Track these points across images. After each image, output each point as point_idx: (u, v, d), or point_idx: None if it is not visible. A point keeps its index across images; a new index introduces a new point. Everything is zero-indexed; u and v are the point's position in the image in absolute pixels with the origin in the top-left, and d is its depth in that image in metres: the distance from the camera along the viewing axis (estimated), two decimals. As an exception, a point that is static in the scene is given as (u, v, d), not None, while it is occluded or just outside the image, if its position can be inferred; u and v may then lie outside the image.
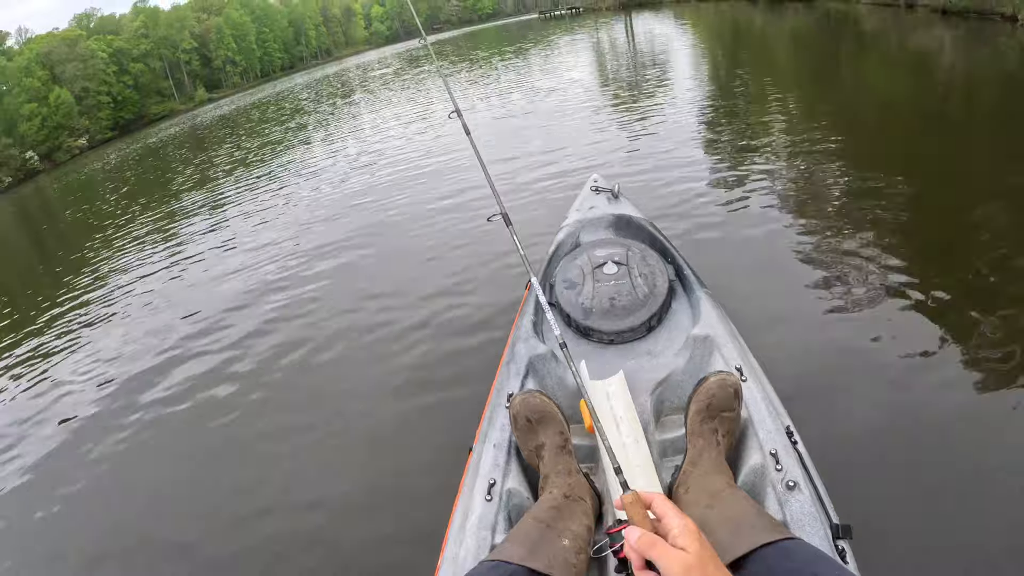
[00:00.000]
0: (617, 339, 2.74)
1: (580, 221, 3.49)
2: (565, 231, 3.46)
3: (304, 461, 3.76)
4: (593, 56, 22.59)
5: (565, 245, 3.35)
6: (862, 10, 21.86)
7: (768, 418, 2.02)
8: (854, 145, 6.89)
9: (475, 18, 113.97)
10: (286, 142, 18.67)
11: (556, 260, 3.23)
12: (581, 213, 3.60)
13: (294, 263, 7.26)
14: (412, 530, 2.91)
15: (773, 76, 12.54)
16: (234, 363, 5.22)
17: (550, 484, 1.93)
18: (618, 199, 3.71)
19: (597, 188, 3.82)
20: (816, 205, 5.42)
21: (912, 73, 11.24)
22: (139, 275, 8.85)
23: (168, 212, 13.16)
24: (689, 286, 2.93)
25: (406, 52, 59.37)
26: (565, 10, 65.57)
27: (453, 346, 4.50)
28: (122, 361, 5.95)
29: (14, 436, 5.10)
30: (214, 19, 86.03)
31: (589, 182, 3.94)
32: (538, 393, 2.10)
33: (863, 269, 4.18)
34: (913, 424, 2.85)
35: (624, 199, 3.72)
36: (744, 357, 2.36)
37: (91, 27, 74.49)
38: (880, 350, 3.39)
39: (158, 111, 73.08)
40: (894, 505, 2.50)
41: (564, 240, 3.38)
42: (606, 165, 7.56)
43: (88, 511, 3.92)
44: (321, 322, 5.55)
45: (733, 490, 1.74)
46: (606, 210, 3.54)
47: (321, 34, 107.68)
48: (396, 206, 8.38)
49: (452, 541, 1.92)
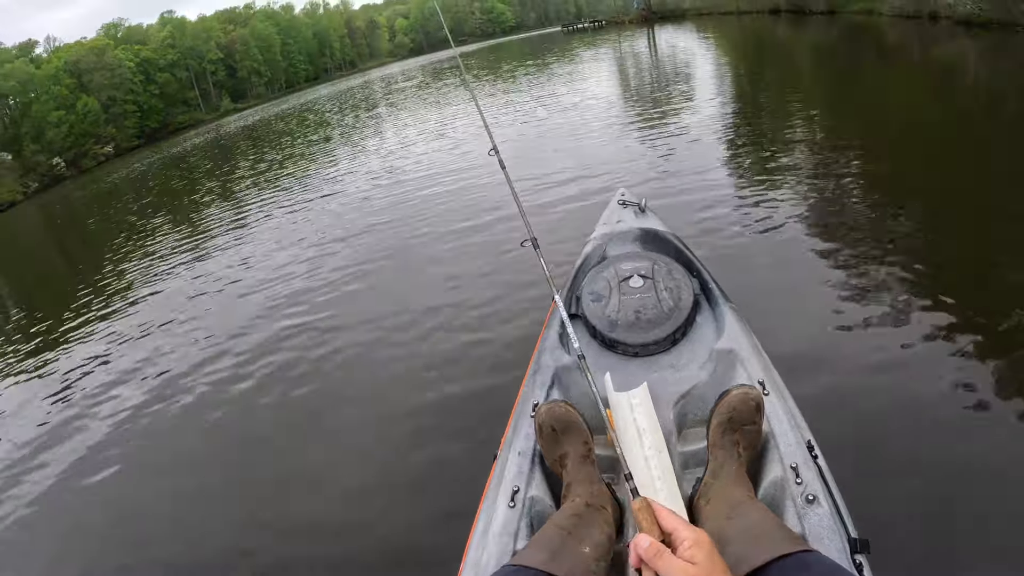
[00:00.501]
0: (642, 352, 2.73)
1: (607, 234, 3.47)
2: (592, 244, 3.45)
3: (330, 467, 3.82)
4: (617, 70, 22.55)
5: (592, 258, 3.33)
6: (885, 22, 21.75)
7: (789, 432, 2.03)
8: (877, 160, 6.80)
9: (497, 31, 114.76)
10: (309, 155, 18.73)
11: (583, 273, 3.22)
12: (608, 227, 3.59)
13: (321, 271, 7.29)
14: (435, 534, 2.96)
15: (796, 91, 12.46)
16: (260, 373, 5.26)
17: (573, 492, 1.95)
18: (645, 213, 3.71)
19: (624, 202, 3.83)
20: (840, 221, 5.33)
21: (936, 86, 11.13)
22: (162, 284, 8.92)
23: (192, 221, 13.29)
24: (714, 300, 2.93)
25: (429, 65, 59.81)
26: (588, 23, 65.94)
27: (478, 356, 4.54)
28: (146, 368, 5.99)
29: (32, 446, 5.15)
30: (240, 30, 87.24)
31: (616, 196, 3.94)
32: (563, 403, 2.12)
33: (886, 287, 4.13)
34: (934, 442, 2.83)
35: (651, 213, 3.72)
36: (767, 371, 2.37)
37: (119, 37, 75.97)
38: (903, 368, 3.37)
39: (184, 120, 74.10)
40: (913, 521, 2.48)
41: (591, 253, 3.36)
42: (631, 180, 7.49)
43: (123, 512, 3.99)
44: (345, 329, 5.58)
45: (753, 502, 1.75)
46: (633, 224, 3.53)
47: (345, 46, 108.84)
48: (422, 219, 8.34)
49: (475, 546, 1.94)
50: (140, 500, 4.08)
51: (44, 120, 57.53)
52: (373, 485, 3.56)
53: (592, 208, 6.80)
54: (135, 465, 4.49)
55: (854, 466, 2.53)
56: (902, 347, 3.50)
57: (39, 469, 4.76)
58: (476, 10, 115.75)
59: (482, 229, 7.32)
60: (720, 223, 5.73)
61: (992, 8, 15.89)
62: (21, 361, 7.47)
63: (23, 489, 4.52)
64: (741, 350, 2.47)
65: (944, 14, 18.45)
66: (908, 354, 3.46)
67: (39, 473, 4.70)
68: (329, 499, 3.54)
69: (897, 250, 4.63)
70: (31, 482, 4.59)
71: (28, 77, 59.96)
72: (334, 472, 3.77)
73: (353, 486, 3.59)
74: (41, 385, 6.49)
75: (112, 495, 4.20)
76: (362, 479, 3.63)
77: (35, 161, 53.09)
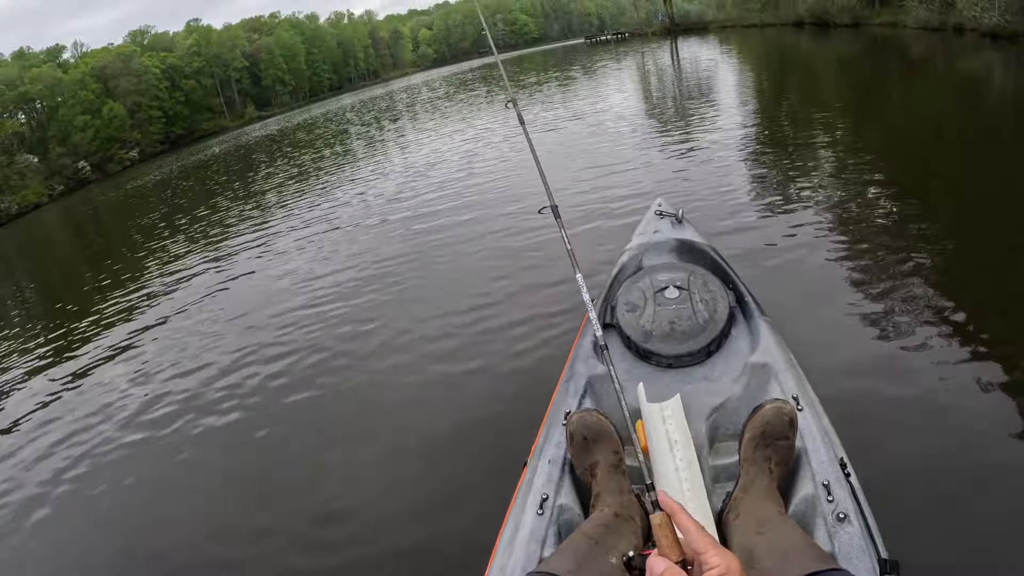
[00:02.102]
0: (676, 363, 2.72)
1: (643, 245, 3.49)
2: (628, 254, 3.45)
3: (356, 470, 3.85)
4: (641, 83, 22.37)
5: (628, 268, 3.34)
6: (909, 35, 21.60)
7: (822, 448, 2.01)
8: (908, 174, 6.70)
9: (520, 43, 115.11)
10: (333, 165, 18.75)
11: (618, 283, 3.22)
12: (644, 237, 3.60)
13: (346, 277, 7.30)
14: (461, 539, 2.99)
15: (822, 104, 12.30)
16: (287, 376, 5.26)
17: (601, 502, 1.95)
18: (681, 224, 3.70)
19: (661, 212, 3.82)
20: (876, 236, 5.24)
21: (962, 99, 10.97)
22: (187, 288, 8.94)
23: (215, 226, 13.32)
24: (749, 313, 2.93)
25: (452, 75, 60.02)
26: (611, 35, 66.13)
27: (510, 366, 4.53)
28: (170, 373, 5.97)
29: (46, 450, 5.15)
30: (265, 39, 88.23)
31: (653, 206, 3.93)
32: (595, 412, 2.13)
33: (924, 303, 4.06)
34: (968, 463, 2.74)
35: (687, 224, 3.71)
36: (801, 386, 2.36)
37: (145, 43, 77.07)
38: (940, 385, 3.28)
39: (208, 127, 75.00)
40: (944, 544, 2.40)
41: (627, 263, 3.38)
42: (659, 190, 7.40)
43: (144, 517, 3.97)
44: (373, 334, 5.61)
45: (783, 518, 1.74)
46: (669, 235, 3.53)
47: (369, 56, 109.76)
48: (455, 226, 8.31)
49: (501, 552, 1.95)
50: (164, 499, 4.10)
51: (70, 124, 58.46)
52: (399, 489, 3.57)
53: (620, 216, 6.89)
54: (155, 468, 4.50)
55: (886, 485, 2.46)
56: (940, 364, 3.43)
57: (65, 464, 4.79)
58: (499, 21, 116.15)
59: (513, 232, 7.36)
60: (755, 235, 5.69)
61: (1018, 20, 15.76)
62: (47, 356, 7.60)
63: (46, 485, 4.56)
64: (776, 364, 2.48)
65: (969, 26, 18.32)
66: (946, 372, 3.37)
67: (63, 469, 4.73)
68: (355, 502, 3.56)
69: (935, 263, 4.57)
70: (56, 480, 4.61)
71: (55, 81, 60.89)
72: (360, 475, 3.79)
73: (379, 489, 3.61)
74: (64, 381, 6.58)
75: (133, 496, 4.22)
76: (389, 483, 3.64)
77: (61, 164, 53.91)
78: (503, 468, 2.78)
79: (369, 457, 3.94)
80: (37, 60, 65.39)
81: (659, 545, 1.15)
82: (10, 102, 55.75)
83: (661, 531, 1.16)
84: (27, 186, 48.02)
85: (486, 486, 3.18)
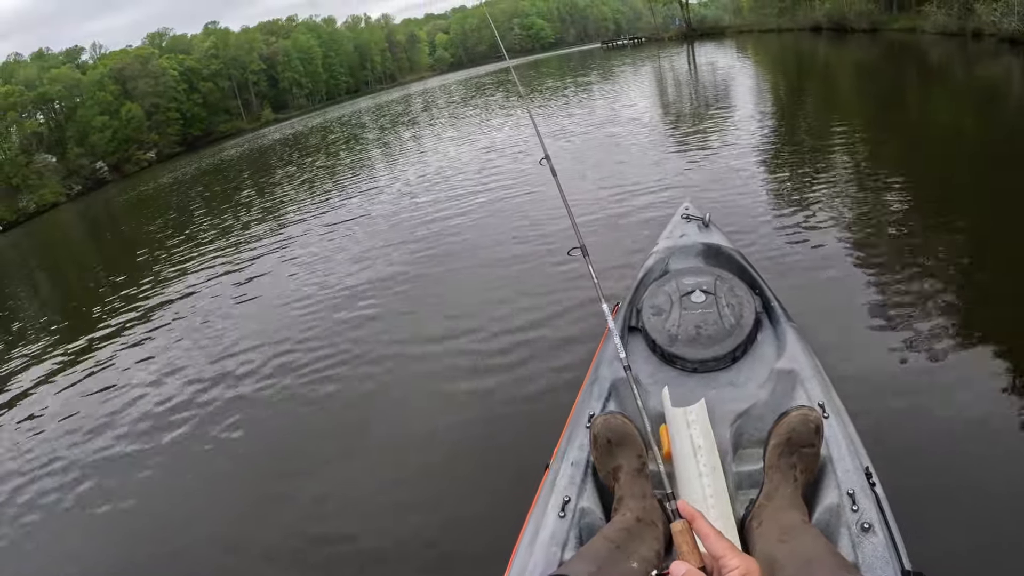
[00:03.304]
0: (701, 368, 2.71)
1: (670, 248, 3.47)
2: (655, 257, 3.44)
3: (380, 467, 3.91)
4: (661, 88, 22.23)
5: (654, 271, 3.32)
6: (927, 40, 21.43)
7: (847, 457, 2.00)
8: (932, 183, 6.67)
9: (537, 47, 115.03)
10: (350, 167, 18.76)
11: (644, 286, 3.20)
12: (671, 240, 3.61)
13: (365, 279, 7.35)
14: (480, 539, 3.01)
15: (843, 111, 12.23)
16: (307, 379, 5.27)
17: (624, 506, 1.95)
18: (709, 228, 3.74)
19: (688, 216, 3.86)
20: (903, 245, 5.22)
21: (981, 105, 10.88)
22: (203, 289, 8.99)
23: (231, 228, 13.37)
24: (776, 319, 2.91)
25: (466, 79, 60.08)
26: (627, 40, 65.96)
27: (533, 367, 4.52)
28: (183, 376, 5.99)
29: (57, 451, 5.17)
30: (282, 42, 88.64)
31: (680, 210, 3.98)
32: (620, 415, 2.12)
33: (952, 313, 4.04)
34: (996, 476, 2.71)
35: (715, 228, 3.75)
36: (827, 393, 2.35)
37: (163, 46, 77.56)
38: (968, 396, 3.24)
39: (225, 129, 75.23)
40: (969, 557, 2.38)
41: (653, 266, 3.36)
42: (686, 194, 7.25)
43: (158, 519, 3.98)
44: (398, 335, 5.64)
45: (806, 527, 1.73)
46: (696, 238, 3.54)
47: (386, 59, 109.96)
48: (477, 229, 8.31)
49: (521, 553, 1.96)
50: (186, 500, 4.11)
51: (88, 124, 58.92)
52: (419, 488, 3.59)
53: (641, 222, 6.90)
54: (172, 468, 4.52)
55: (912, 495, 2.49)
56: (969, 375, 3.39)
57: (78, 466, 4.81)
58: (516, 26, 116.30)
59: (532, 238, 7.34)
60: (781, 241, 5.69)
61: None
62: (64, 355, 7.65)
63: (65, 486, 4.57)
64: (802, 371, 2.46)
65: (988, 32, 18.18)
66: (975, 383, 3.33)
67: (80, 468, 4.75)
68: (374, 498, 3.60)
69: (963, 277, 4.54)
70: (70, 480, 4.63)
71: (74, 82, 61.36)
72: (380, 473, 3.84)
73: (399, 487, 3.64)
74: (75, 381, 6.63)
75: (150, 497, 4.24)
76: (409, 482, 3.67)
77: (78, 164, 54.33)
78: (525, 469, 2.81)
79: (389, 455, 3.98)
80: (56, 61, 65.95)
81: (680, 552, 1.14)
82: (29, 102, 56.15)
83: (681, 538, 1.15)
84: (45, 185, 48.40)
85: (507, 487, 3.18)
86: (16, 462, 5.12)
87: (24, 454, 5.24)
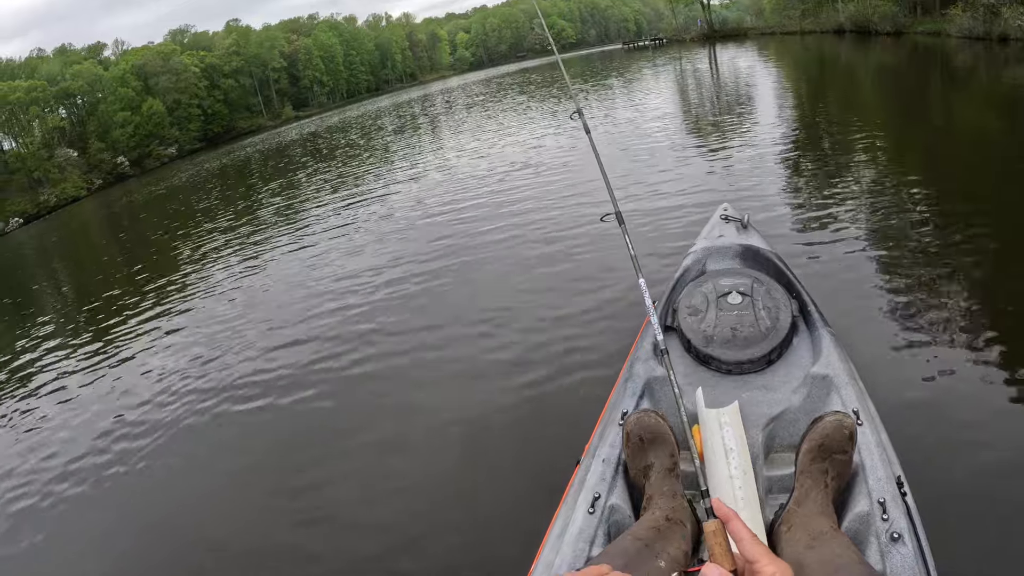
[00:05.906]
0: (735, 370, 2.70)
1: (707, 248, 3.45)
2: (692, 257, 3.43)
3: (411, 455, 3.94)
4: (685, 90, 21.92)
5: (691, 271, 3.31)
6: (952, 44, 21.13)
7: (880, 465, 1.98)
8: (970, 192, 6.42)
9: (558, 47, 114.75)
10: (371, 166, 18.68)
11: (681, 285, 3.20)
12: (709, 241, 3.57)
13: (399, 273, 7.35)
14: (509, 532, 3.01)
15: (872, 115, 11.99)
16: (334, 372, 5.29)
17: (653, 505, 1.95)
18: (747, 229, 3.71)
19: (727, 217, 3.83)
20: (944, 255, 5.06)
21: (1009, 110, 10.67)
22: (224, 281, 9.05)
23: (251, 224, 13.39)
24: (812, 323, 2.88)
25: (487, 78, 60.02)
26: (649, 41, 65.78)
27: (566, 362, 4.50)
28: (208, 369, 6.01)
29: (99, 436, 5.23)
30: (303, 40, 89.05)
31: (719, 210, 3.96)
32: (654, 413, 2.12)
33: (989, 324, 3.90)
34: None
35: (753, 230, 3.72)
36: (862, 400, 2.33)
37: (185, 42, 78.19)
38: (1004, 410, 3.16)
39: (246, 126, 75.66)
40: (999, 572, 2.34)
41: (690, 266, 3.35)
42: (714, 197, 7.25)
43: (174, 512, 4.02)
44: (430, 326, 5.68)
45: (836, 534, 1.71)
46: (734, 240, 3.51)
47: (407, 58, 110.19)
48: (511, 224, 8.28)
49: (549, 548, 1.96)
50: (201, 497, 4.14)
51: (110, 120, 59.51)
52: (449, 479, 3.62)
53: (682, 219, 6.86)
54: (190, 463, 4.56)
55: (943, 506, 2.48)
56: (1004, 387, 3.31)
57: (99, 458, 4.84)
58: (536, 26, 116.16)
59: (574, 232, 7.33)
60: (818, 246, 5.60)
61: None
62: (86, 348, 7.68)
63: (82, 479, 4.59)
64: (837, 376, 2.43)
65: (1014, 36, 17.91)
66: (1011, 395, 3.26)
67: (98, 464, 4.77)
68: (404, 487, 3.63)
69: (1001, 289, 4.45)
70: (81, 475, 4.66)
71: (96, 78, 61.93)
72: (411, 463, 3.87)
73: (429, 478, 3.66)
74: (93, 375, 6.66)
75: (168, 492, 4.26)
76: (440, 472, 3.70)
77: (100, 159, 54.90)
78: (555, 464, 2.83)
79: (421, 445, 4.02)
80: (78, 57, 66.69)
81: (712, 553, 1.09)
82: (51, 97, 56.70)
83: (714, 539, 1.10)
84: (66, 179, 48.93)
85: (537, 481, 3.19)
86: (14, 462, 5.13)
87: (24, 454, 5.23)
